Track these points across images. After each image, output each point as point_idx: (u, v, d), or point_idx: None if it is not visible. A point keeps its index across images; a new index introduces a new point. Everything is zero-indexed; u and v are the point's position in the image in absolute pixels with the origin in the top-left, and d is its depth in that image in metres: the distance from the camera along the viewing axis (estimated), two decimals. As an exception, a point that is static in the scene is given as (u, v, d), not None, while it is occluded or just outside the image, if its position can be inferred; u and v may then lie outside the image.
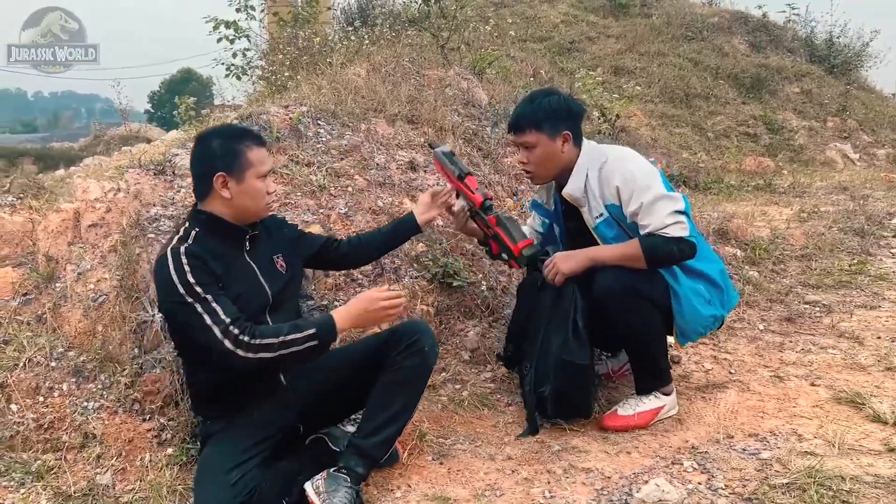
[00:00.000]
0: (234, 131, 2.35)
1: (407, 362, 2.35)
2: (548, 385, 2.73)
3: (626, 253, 2.64)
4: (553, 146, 2.74)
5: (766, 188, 7.37)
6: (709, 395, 3.08)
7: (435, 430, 2.78)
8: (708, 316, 2.75)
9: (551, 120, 2.72)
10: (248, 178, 2.25)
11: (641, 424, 2.78)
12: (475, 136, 4.38)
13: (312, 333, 2.16)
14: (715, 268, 2.82)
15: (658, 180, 2.63)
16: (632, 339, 2.78)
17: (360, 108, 4.14)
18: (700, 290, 2.73)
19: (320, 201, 3.44)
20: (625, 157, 2.72)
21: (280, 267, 2.45)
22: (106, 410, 2.64)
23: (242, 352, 2.07)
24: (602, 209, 2.72)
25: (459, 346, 3.30)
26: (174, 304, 2.12)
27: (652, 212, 2.57)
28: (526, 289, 2.98)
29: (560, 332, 2.72)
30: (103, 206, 3.04)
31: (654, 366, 2.81)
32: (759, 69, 11.47)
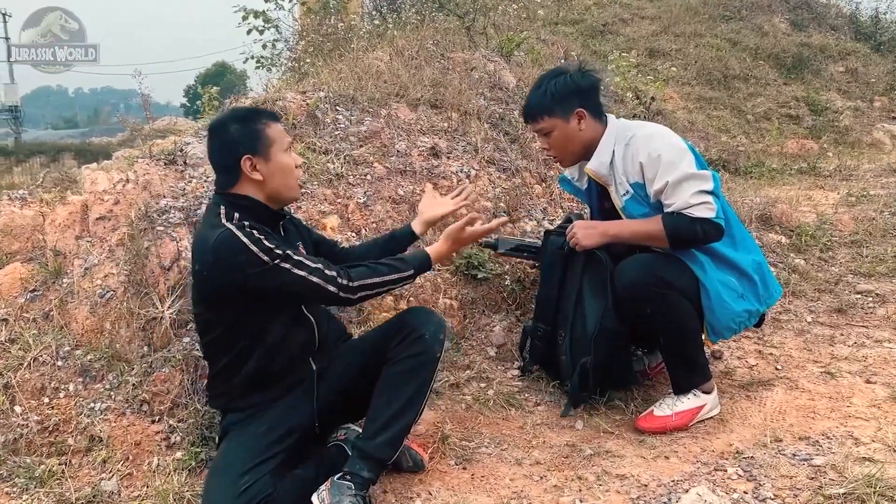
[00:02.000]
0: (248, 112, 2.26)
1: (406, 353, 2.19)
2: (588, 356, 2.62)
3: (647, 230, 2.49)
4: (569, 127, 2.60)
5: (810, 171, 7.05)
6: (754, 393, 2.86)
7: (458, 432, 2.62)
8: (741, 311, 2.55)
9: (561, 102, 2.58)
10: (275, 155, 2.17)
11: (680, 426, 2.59)
12: (502, 121, 4.18)
13: (412, 274, 2.26)
14: (749, 259, 2.61)
15: (687, 158, 2.45)
16: (662, 333, 2.59)
17: (380, 93, 3.97)
18: (730, 283, 2.53)
19: (338, 190, 3.29)
20: (652, 133, 2.53)
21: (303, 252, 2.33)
22: (113, 412, 2.53)
23: (345, 293, 2.11)
24: (628, 186, 2.55)
25: (485, 342, 3.13)
26: (257, 274, 2.02)
27: (677, 191, 2.42)
28: (551, 259, 2.85)
29: (597, 298, 2.63)
30: (111, 199, 2.92)
31: (688, 361, 2.61)
32: (801, 48, 11.04)
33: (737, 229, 2.64)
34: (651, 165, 2.45)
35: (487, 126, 4.06)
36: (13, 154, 25.89)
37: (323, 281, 2.08)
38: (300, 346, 2.24)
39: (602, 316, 2.62)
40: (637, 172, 2.49)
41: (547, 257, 2.87)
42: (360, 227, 3.18)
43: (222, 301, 2.13)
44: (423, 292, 3.11)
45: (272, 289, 2.07)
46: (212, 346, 2.23)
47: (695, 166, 2.44)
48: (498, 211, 3.49)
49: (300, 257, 2.08)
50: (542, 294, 2.88)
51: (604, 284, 2.61)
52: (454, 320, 3.14)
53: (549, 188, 3.89)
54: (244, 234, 2.02)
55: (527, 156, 4.02)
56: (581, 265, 2.69)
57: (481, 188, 3.61)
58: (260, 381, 2.21)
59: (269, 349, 2.18)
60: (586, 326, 2.65)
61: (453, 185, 3.55)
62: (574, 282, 2.71)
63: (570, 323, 2.70)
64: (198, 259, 2.11)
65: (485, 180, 3.67)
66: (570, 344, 2.70)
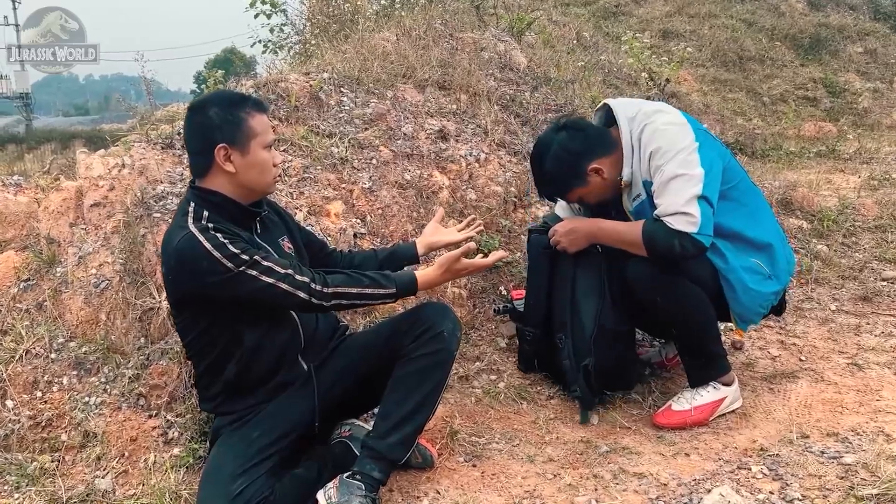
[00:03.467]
0: (233, 97, 2.08)
1: (423, 350, 2.07)
2: (590, 358, 2.51)
3: (625, 236, 2.37)
4: (593, 187, 2.44)
5: (829, 154, 6.86)
6: (777, 385, 2.74)
7: (467, 427, 2.50)
8: (769, 294, 2.44)
9: (568, 177, 2.43)
10: (253, 149, 2.01)
11: (700, 421, 2.47)
12: (513, 102, 4.04)
13: (392, 293, 2.09)
14: (772, 229, 2.49)
15: (688, 155, 2.25)
16: (675, 324, 2.47)
17: (387, 74, 3.83)
18: (755, 267, 2.40)
19: (342, 175, 3.16)
20: (658, 127, 2.32)
21: (287, 249, 2.22)
22: (108, 406, 2.44)
23: (317, 300, 1.97)
24: (640, 189, 2.40)
25: (495, 332, 3.01)
26: (220, 282, 1.89)
27: (665, 192, 2.25)
28: (536, 260, 2.72)
29: (592, 297, 2.52)
30: (106, 184, 2.81)
31: (703, 352, 2.49)
32: (819, 29, 10.82)
33: (751, 197, 2.49)
34: (654, 161, 2.30)
35: (497, 108, 3.92)
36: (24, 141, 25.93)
37: (292, 287, 1.94)
38: (283, 348, 2.11)
39: (599, 315, 2.50)
40: (646, 170, 2.34)
41: (532, 258, 2.74)
42: (366, 214, 3.06)
43: (191, 305, 2.01)
44: (431, 281, 2.99)
45: (239, 296, 1.94)
46: (191, 348, 2.12)
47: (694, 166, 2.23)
48: (509, 195, 3.36)
49: (269, 263, 1.94)
50: (530, 296, 2.75)
51: (598, 281, 2.49)
52: (463, 310, 3.02)
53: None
54: (207, 237, 1.88)
55: (538, 138, 3.87)
56: (571, 264, 2.57)
57: (491, 172, 3.48)
58: (243, 387, 2.09)
59: (248, 353, 2.06)
60: (584, 328, 2.53)
61: (462, 168, 3.42)
62: (565, 282, 2.59)
63: (569, 326, 2.57)
64: (164, 261, 2.01)
65: (495, 164, 3.54)
66: (572, 348, 2.57)
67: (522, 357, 2.83)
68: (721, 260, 2.35)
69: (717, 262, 2.35)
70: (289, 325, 2.14)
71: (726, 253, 2.36)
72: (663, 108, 2.43)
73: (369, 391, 2.23)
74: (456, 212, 3.24)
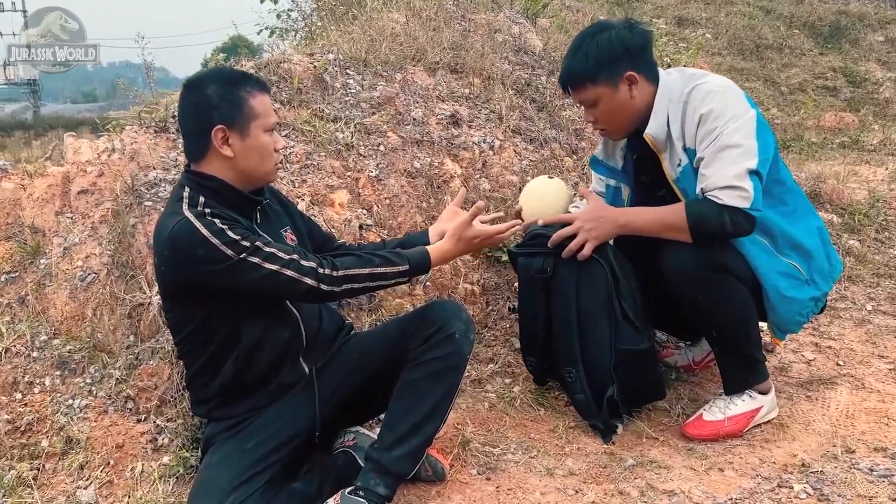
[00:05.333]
0: (233, 75, 1.91)
1: (432, 354, 1.89)
2: (611, 385, 2.26)
3: (665, 219, 2.13)
4: (617, 96, 2.18)
5: (852, 146, 6.63)
6: (814, 393, 2.54)
7: (481, 436, 2.32)
8: (807, 300, 2.23)
9: (607, 65, 2.15)
10: (253, 132, 1.84)
11: (734, 432, 2.27)
12: (528, 87, 3.82)
13: (405, 270, 1.92)
14: (813, 227, 2.28)
15: (744, 123, 2.06)
16: (715, 325, 2.26)
17: (395, 56, 3.62)
18: (792, 271, 2.19)
19: (347, 162, 2.96)
20: (711, 89, 2.11)
21: (290, 241, 2.04)
22: (93, 410, 2.26)
23: (326, 285, 1.80)
24: (681, 155, 2.18)
25: (510, 332, 2.81)
26: (219, 271, 1.73)
27: (714, 162, 2.04)
28: (528, 286, 2.41)
29: (601, 318, 2.25)
30: (95, 170, 2.62)
31: (744, 357, 2.28)
32: (839, 16, 10.57)
33: (792, 195, 2.28)
34: (702, 127, 2.09)
35: (512, 92, 3.71)
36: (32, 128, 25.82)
37: (299, 274, 1.77)
38: (283, 348, 1.94)
39: (614, 338, 2.24)
40: (692, 136, 2.13)
41: (523, 283, 2.44)
42: (372, 204, 2.86)
43: (185, 299, 1.84)
44: (442, 276, 2.79)
45: (240, 286, 1.77)
46: (183, 347, 1.94)
47: (749, 136, 2.05)
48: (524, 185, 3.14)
49: (272, 249, 1.78)
50: (524, 326, 2.48)
51: (606, 299, 2.23)
52: (475, 308, 2.83)
53: (580, 161, 3.54)
54: (204, 223, 1.73)
55: (556, 125, 3.66)
56: (571, 285, 2.26)
57: (506, 160, 3.28)
58: (240, 389, 1.92)
59: (246, 352, 1.88)
60: (600, 356, 2.26)
61: (475, 156, 3.22)
62: (567, 309, 2.28)
63: (578, 358, 2.29)
64: (156, 251, 1.84)
65: (510, 152, 3.34)
66: (586, 381, 2.30)
67: (533, 375, 2.60)
68: (756, 261, 2.15)
69: (752, 263, 2.15)
70: (290, 323, 1.97)
71: (761, 255, 2.16)
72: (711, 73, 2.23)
73: (375, 396, 2.05)
74: (468, 202, 3.03)
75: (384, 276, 1.88)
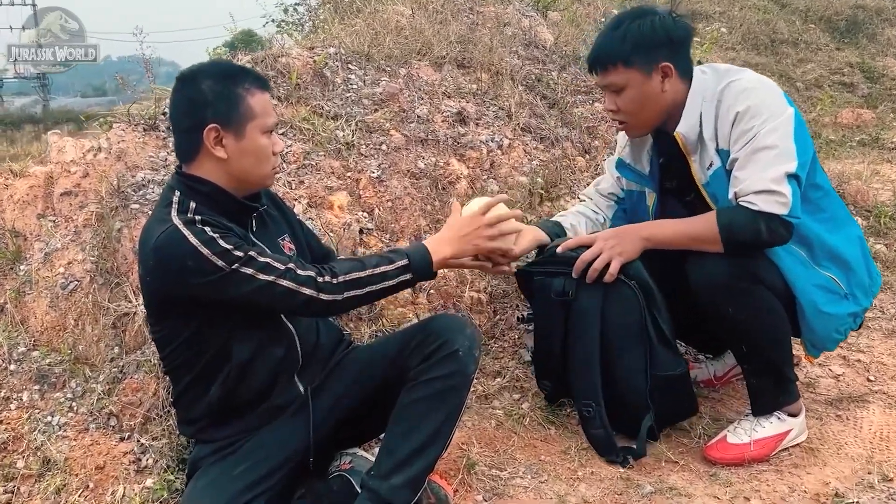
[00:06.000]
0: (230, 70, 1.75)
1: (434, 373, 1.72)
2: (648, 413, 2.12)
3: (693, 230, 1.97)
4: (649, 85, 2.01)
5: (872, 144, 6.44)
6: (845, 411, 2.38)
7: (487, 458, 2.16)
8: (845, 316, 2.07)
9: (644, 50, 1.98)
10: (249, 133, 1.68)
11: (760, 457, 2.11)
12: (538, 83, 3.65)
13: (405, 265, 1.73)
14: (854, 236, 2.11)
15: (781, 123, 1.91)
16: (745, 340, 2.09)
17: (400, 50, 3.46)
18: (829, 284, 2.03)
19: (347, 162, 2.81)
20: (747, 87, 1.96)
21: (289, 251, 1.89)
22: (73, 427, 2.12)
23: (327, 294, 1.65)
24: (713, 156, 2.01)
25: (518, 344, 2.65)
26: (210, 283, 1.59)
27: (749, 164, 1.89)
28: (546, 309, 2.24)
29: (636, 346, 2.09)
30: (80, 170, 2.48)
31: (776, 375, 2.11)
32: (856, 11, 10.34)
33: (831, 202, 2.12)
34: (737, 126, 1.93)
35: (522, 88, 3.54)
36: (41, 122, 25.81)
37: (295, 284, 1.62)
38: (277, 366, 1.79)
39: (651, 365, 2.09)
40: (725, 136, 1.97)
41: (540, 306, 2.26)
42: (373, 206, 2.71)
43: (172, 312, 1.69)
44: (447, 284, 2.63)
45: (232, 299, 1.62)
46: (170, 363, 1.79)
47: (787, 137, 1.90)
48: (535, 187, 2.99)
49: (266, 259, 1.63)
50: (540, 349, 2.32)
51: (640, 324, 2.07)
52: (482, 317, 2.67)
53: (593, 160, 3.37)
54: (194, 231, 1.59)
55: (568, 123, 3.49)
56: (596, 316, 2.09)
57: (515, 160, 3.11)
58: (229, 410, 1.77)
59: (237, 371, 1.73)
60: (633, 384, 2.11)
61: (483, 156, 3.05)
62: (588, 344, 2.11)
63: (599, 394, 2.12)
64: (141, 260, 1.69)
65: (519, 151, 3.17)
66: (605, 416, 2.14)
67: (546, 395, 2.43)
68: (792, 273, 1.98)
69: (788, 276, 1.99)
70: (285, 338, 1.82)
71: (797, 266, 1.99)
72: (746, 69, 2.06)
73: (374, 417, 1.90)
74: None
75: (385, 275, 1.71)
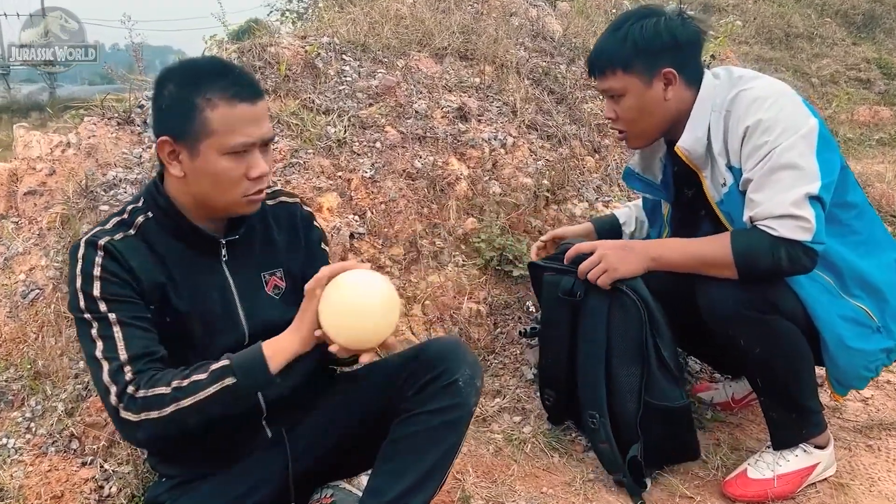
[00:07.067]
0: (197, 74, 1.44)
1: (431, 405, 1.51)
2: (635, 444, 1.90)
3: (705, 254, 1.78)
4: (649, 93, 1.82)
5: (891, 143, 6.23)
6: (876, 441, 2.18)
7: (484, 489, 1.97)
8: (877, 352, 1.86)
9: (646, 55, 1.79)
10: (204, 152, 1.40)
11: (785, 494, 1.92)
12: (546, 76, 3.44)
13: (225, 365, 1.36)
14: (886, 262, 1.89)
15: (800, 138, 1.69)
16: (759, 372, 1.90)
17: (398, 41, 3.25)
18: (860, 316, 1.82)
19: (338, 161, 2.60)
20: (759, 94, 1.75)
21: (274, 289, 1.60)
22: (30, 452, 1.94)
23: (124, 410, 1.33)
24: (726, 174, 1.81)
25: (520, 360, 2.45)
26: (74, 315, 1.42)
27: (766, 186, 1.69)
28: (552, 309, 2.06)
29: (631, 364, 1.90)
30: (46, 167, 2.29)
31: (796, 408, 1.91)
32: (873, 5, 10.23)
33: (866, 222, 1.91)
34: (749, 141, 1.73)
35: (528, 83, 3.33)
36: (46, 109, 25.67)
37: (110, 381, 1.34)
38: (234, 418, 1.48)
39: (644, 388, 1.89)
40: (736, 152, 1.76)
41: (546, 307, 2.10)
42: (366, 209, 2.51)
43: None
44: (444, 294, 2.44)
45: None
46: None
47: (808, 153, 1.69)
48: (540, 189, 2.78)
49: (118, 334, 1.35)
50: (546, 354, 2.14)
51: (637, 342, 1.87)
52: (482, 330, 2.47)
53: (603, 160, 3.16)
54: (85, 257, 1.38)
55: (576, 120, 3.28)
56: (602, 317, 1.92)
57: (520, 160, 2.91)
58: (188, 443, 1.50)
59: None
60: (625, 407, 1.91)
61: (485, 155, 2.85)
62: (595, 343, 1.94)
63: (604, 404, 1.93)
64: None
65: (524, 150, 2.97)
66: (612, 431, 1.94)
67: (548, 413, 2.25)
68: (815, 303, 1.78)
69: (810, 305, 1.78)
70: None
71: (822, 294, 1.78)
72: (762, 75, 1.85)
73: (361, 450, 1.68)
74: (476, 208, 2.68)
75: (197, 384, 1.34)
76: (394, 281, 2.44)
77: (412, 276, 2.48)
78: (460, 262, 2.54)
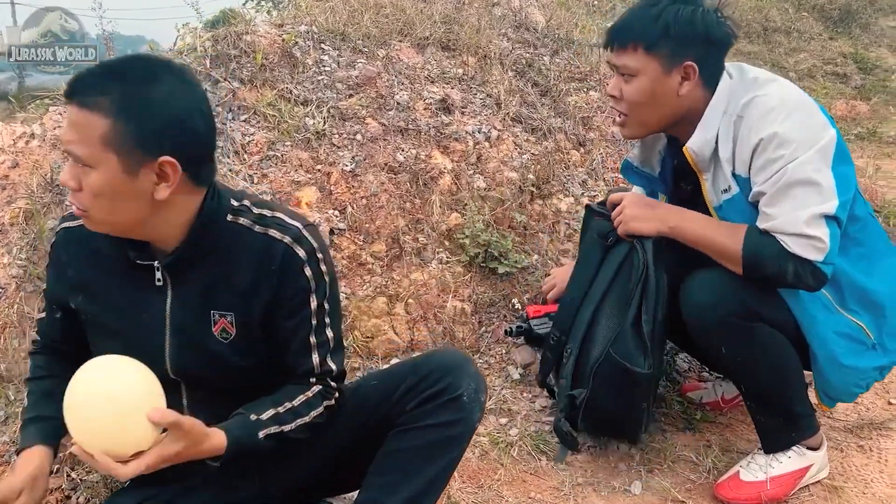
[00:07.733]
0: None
1: (433, 419, 1.42)
2: (584, 389, 1.88)
3: (717, 241, 1.74)
4: (664, 82, 1.74)
5: (870, 137, 6.25)
6: (867, 441, 2.15)
7: (469, 495, 1.90)
8: (869, 369, 1.82)
9: (674, 41, 1.70)
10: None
11: (778, 496, 1.88)
12: (529, 68, 3.37)
13: None
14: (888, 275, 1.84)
15: (817, 153, 1.62)
16: (743, 380, 1.87)
17: (379, 30, 3.16)
18: (855, 332, 1.77)
19: (317, 153, 2.52)
20: (775, 105, 1.67)
21: (220, 331, 1.37)
22: (-9, 460, 1.83)
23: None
24: (730, 181, 1.75)
25: (506, 360, 2.39)
26: None
27: (780, 201, 1.63)
28: (589, 247, 2.06)
29: (615, 314, 1.89)
30: (8, 160, 2.18)
31: (783, 412, 1.87)
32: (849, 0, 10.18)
33: (870, 235, 1.85)
34: (762, 152, 1.66)
35: (512, 74, 3.26)
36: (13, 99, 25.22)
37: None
38: None
39: (613, 341, 1.86)
40: (745, 162, 1.70)
41: (585, 246, 2.10)
42: (346, 204, 2.43)
43: None
44: (428, 292, 2.37)
45: None
46: None
47: (824, 169, 1.62)
48: (526, 184, 2.72)
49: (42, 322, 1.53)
50: (568, 292, 2.09)
51: (626, 300, 1.86)
52: (466, 329, 2.41)
53: (588, 154, 3.10)
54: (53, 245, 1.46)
55: (561, 112, 3.22)
56: (617, 264, 1.94)
57: (504, 153, 2.84)
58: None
59: None
60: (591, 351, 1.90)
61: (468, 148, 2.77)
62: (602, 283, 1.96)
63: (580, 337, 1.94)
64: None
65: (509, 143, 2.90)
66: (573, 367, 1.94)
67: (542, 367, 2.18)
68: (807, 316, 1.73)
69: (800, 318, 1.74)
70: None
71: (816, 306, 1.74)
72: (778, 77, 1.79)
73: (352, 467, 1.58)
74: (459, 203, 2.61)
75: None
76: (376, 279, 2.37)
77: (395, 273, 2.40)
78: (444, 259, 2.47)
